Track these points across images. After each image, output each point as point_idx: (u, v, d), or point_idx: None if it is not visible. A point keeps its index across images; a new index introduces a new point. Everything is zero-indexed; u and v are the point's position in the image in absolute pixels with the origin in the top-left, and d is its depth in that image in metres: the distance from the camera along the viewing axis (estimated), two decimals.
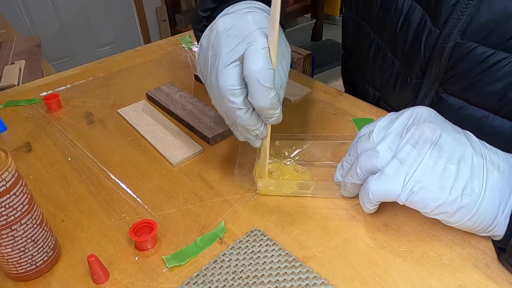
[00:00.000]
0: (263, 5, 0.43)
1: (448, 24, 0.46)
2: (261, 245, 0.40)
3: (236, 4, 0.42)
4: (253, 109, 0.39)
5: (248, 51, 0.37)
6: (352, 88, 0.73)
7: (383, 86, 0.62)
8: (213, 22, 0.41)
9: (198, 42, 0.51)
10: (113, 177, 0.50)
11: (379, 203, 0.39)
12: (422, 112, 0.39)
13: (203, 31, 0.48)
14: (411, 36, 0.52)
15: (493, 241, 0.38)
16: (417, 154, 0.36)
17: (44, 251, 0.38)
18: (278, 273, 0.37)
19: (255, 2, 0.43)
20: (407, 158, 0.36)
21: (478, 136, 0.38)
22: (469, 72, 0.47)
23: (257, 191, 0.46)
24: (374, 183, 0.37)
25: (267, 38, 0.37)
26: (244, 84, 0.38)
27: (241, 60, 0.38)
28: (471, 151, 0.36)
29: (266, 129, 0.42)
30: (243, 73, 0.37)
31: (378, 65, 0.61)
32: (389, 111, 0.43)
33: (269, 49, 0.37)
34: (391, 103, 0.61)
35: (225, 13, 0.42)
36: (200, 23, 0.48)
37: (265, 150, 0.44)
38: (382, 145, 0.38)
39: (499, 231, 0.36)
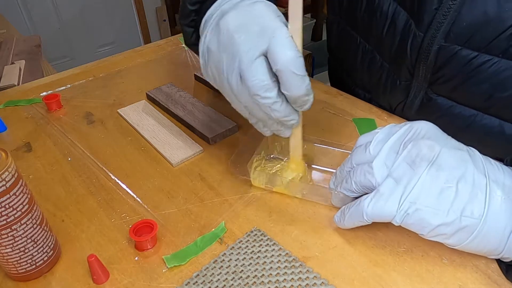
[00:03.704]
0: None
1: (431, 28, 0.47)
2: (261, 245, 0.40)
3: None
4: (286, 100, 0.39)
5: (274, 44, 0.36)
6: (340, 90, 0.73)
7: (374, 87, 0.62)
8: (218, 22, 0.39)
9: (186, 39, 0.48)
10: (113, 177, 0.50)
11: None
12: (421, 128, 0.38)
13: (191, 26, 0.45)
14: (398, 40, 0.52)
15: (498, 260, 0.37)
16: (413, 174, 0.35)
17: (44, 251, 0.38)
18: (278, 273, 0.37)
19: None
20: (403, 178, 0.35)
21: (468, 134, 0.37)
22: (455, 74, 0.47)
23: (252, 184, 0.46)
24: (369, 205, 0.36)
25: (287, 26, 0.37)
26: (274, 77, 0.37)
27: (265, 54, 0.37)
28: (473, 169, 0.35)
29: (299, 116, 0.41)
30: (269, 67, 0.37)
31: (366, 67, 0.61)
32: (384, 110, 0.43)
33: (292, 37, 0.36)
34: (382, 103, 0.61)
35: (223, 10, 0.40)
36: (188, 18, 0.46)
37: (297, 137, 0.44)
38: (377, 161, 0.37)
39: (509, 253, 0.34)
